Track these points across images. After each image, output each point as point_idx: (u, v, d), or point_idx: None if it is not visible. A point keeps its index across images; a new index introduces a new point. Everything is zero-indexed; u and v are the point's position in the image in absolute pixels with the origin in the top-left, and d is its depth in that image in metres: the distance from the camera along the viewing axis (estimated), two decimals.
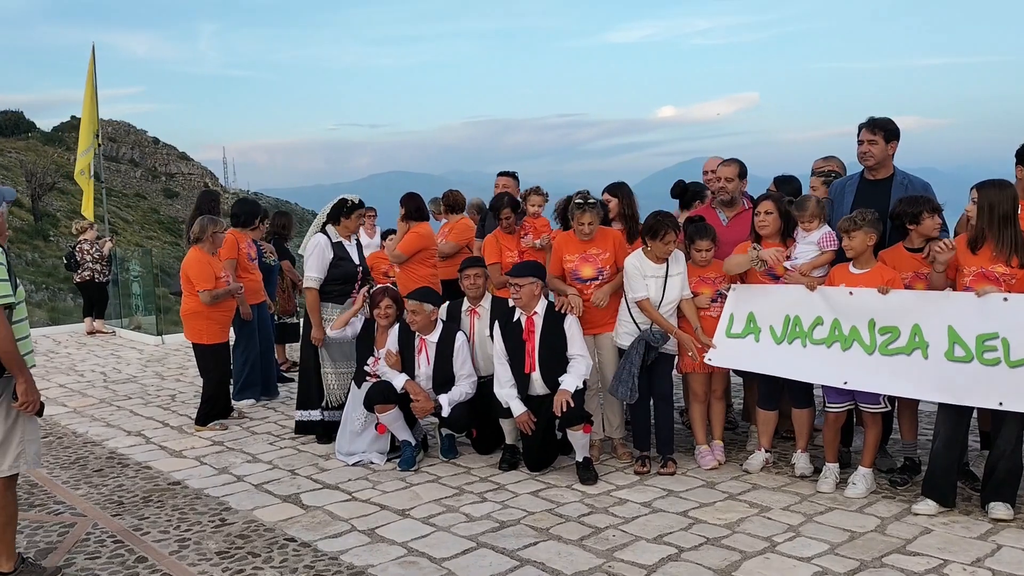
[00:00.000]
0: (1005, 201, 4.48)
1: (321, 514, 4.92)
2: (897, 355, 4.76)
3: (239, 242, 7.68)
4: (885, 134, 5.17)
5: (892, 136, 5.19)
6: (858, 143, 5.26)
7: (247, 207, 8.21)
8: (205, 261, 6.87)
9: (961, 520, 4.52)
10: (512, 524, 4.67)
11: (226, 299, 6.96)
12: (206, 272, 6.82)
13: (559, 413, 5.23)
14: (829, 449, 5.18)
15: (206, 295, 6.76)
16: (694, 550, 4.26)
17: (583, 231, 5.55)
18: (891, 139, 5.19)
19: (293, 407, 7.51)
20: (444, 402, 5.67)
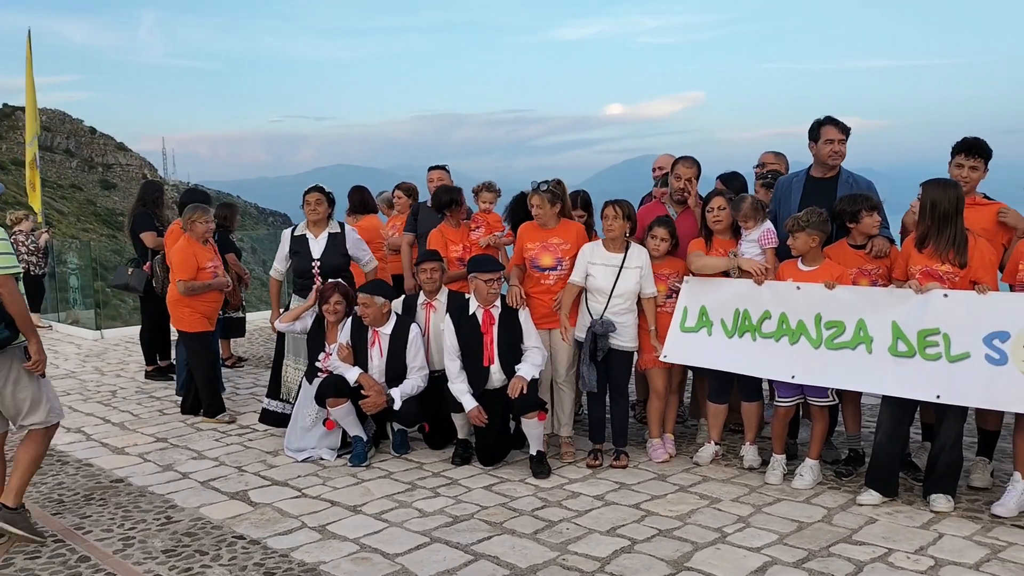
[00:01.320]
0: (947, 200, 4.60)
1: (270, 511, 4.84)
2: (842, 349, 4.87)
3: None
4: (846, 135, 5.30)
5: (847, 134, 5.32)
6: (827, 142, 5.32)
7: (196, 197, 8.03)
8: (189, 251, 6.73)
9: (904, 510, 4.64)
10: (466, 519, 4.65)
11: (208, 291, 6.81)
12: (188, 262, 6.68)
13: (515, 395, 5.24)
14: (777, 441, 5.28)
15: (181, 286, 6.66)
16: (647, 542, 4.30)
17: (536, 213, 5.59)
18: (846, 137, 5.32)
19: (239, 403, 7.41)
20: (396, 395, 5.62)
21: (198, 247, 6.78)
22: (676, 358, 5.51)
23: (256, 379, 8.49)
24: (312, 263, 6.33)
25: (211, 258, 6.86)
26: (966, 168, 4.88)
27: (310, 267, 6.34)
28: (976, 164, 4.88)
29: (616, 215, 5.41)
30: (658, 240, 5.52)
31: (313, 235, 6.38)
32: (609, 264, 5.44)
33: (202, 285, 6.74)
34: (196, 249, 6.76)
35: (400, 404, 5.61)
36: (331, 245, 6.37)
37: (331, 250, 6.36)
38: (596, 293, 5.46)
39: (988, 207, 4.92)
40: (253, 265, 36.43)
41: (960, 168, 4.90)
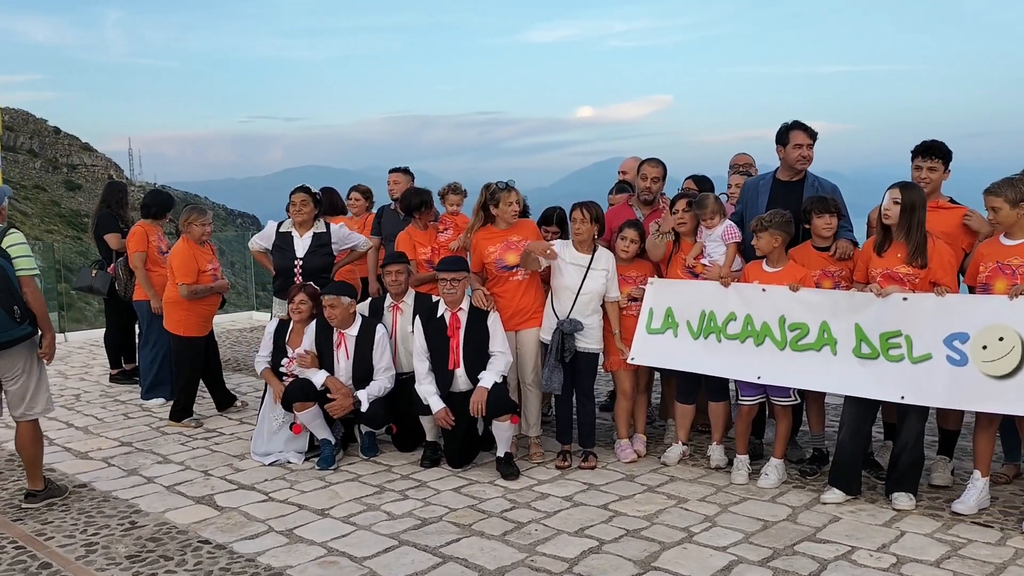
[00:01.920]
0: (922, 204, 4.69)
1: (237, 515, 4.80)
2: (807, 351, 4.94)
3: (148, 235, 7.44)
4: (814, 140, 5.36)
5: (814, 141, 5.39)
6: (795, 147, 5.37)
7: (159, 198, 7.94)
8: (190, 254, 6.66)
9: (867, 508, 4.71)
10: (434, 521, 4.64)
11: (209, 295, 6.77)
12: (189, 265, 6.62)
13: (475, 414, 5.26)
14: (740, 441, 5.33)
15: (184, 289, 6.60)
16: (615, 542, 4.32)
17: (512, 211, 5.59)
18: (814, 143, 5.39)
19: (205, 407, 7.34)
20: (363, 397, 5.60)
21: (197, 249, 6.73)
22: (643, 360, 5.55)
23: None
24: (294, 262, 6.28)
25: (210, 260, 6.80)
26: (924, 169, 4.97)
27: (292, 266, 6.29)
28: (934, 165, 4.96)
29: (584, 218, 5.44)
30: (628, 242, 5.56)
31: (299, 234, 6.33)
32: (577, 263, 5.48)
33: (204, 288, 6.70)
34: (196, 252, 6.71)
35: (367, 406, 5.59)
36: (316, 245, 6.30)
37: (315, 250, 6.29)
38: (562, 292, 5.49)
39: (953, 211, 5.01)
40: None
41: (919, 170, 4.98)
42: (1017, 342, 4.29)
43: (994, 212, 4.47)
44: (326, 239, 6.33)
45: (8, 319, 4.63)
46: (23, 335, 4.76)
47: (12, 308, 4.64)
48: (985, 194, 4.51)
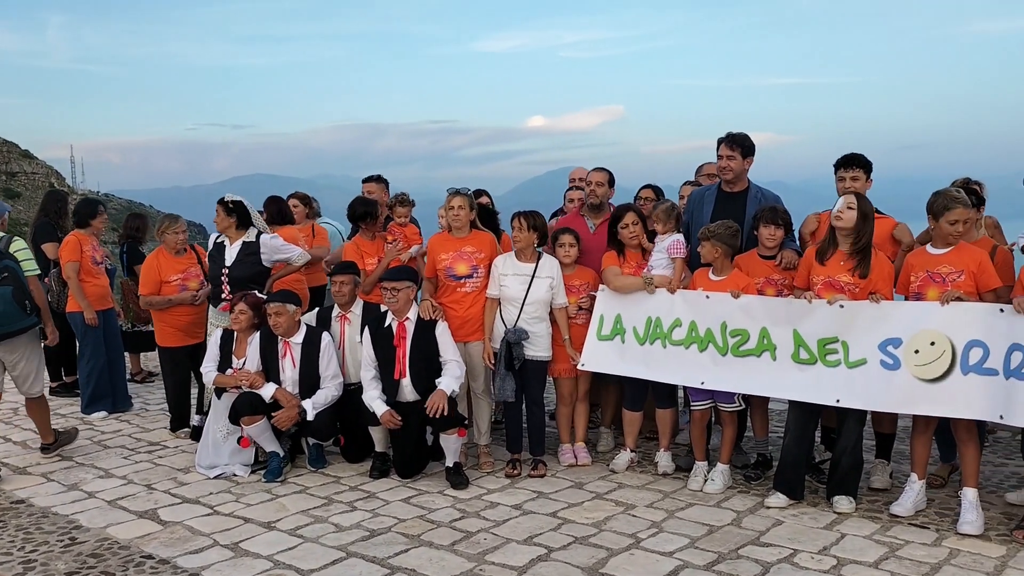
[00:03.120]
0: (872, 215, 4.82)
1: (181, 529, 4.72)
2: (748, 356, 5.06)
3: (82, 244, 7.27)
4: (742, 150, 5.45)
5: (748, 152, 5.48)
6: (718, 157, 5.53)
7: (85, 206, 7.76)
8: (153, 264, 6.61)
9: (809, 511, 4.81)
10: (383, 532, 4.62)
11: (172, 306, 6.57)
12: (148, 276, 6.59)
13: (434, 414, 5.21)
14: (697, 447, 5.40)
15: (142, 300, 6.63)
16: (563, 549, 4.34)
17: (453, 215, 5.59)
18: (747, 155, 5.48)
19: (150, 419, 7.21)
20: (308, 407, 5.55)
21: (166, 260, 6.62)
22: (593, 366, 5.60)
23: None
24: (222, 271, 6.19)
25: (181, 270, 6.62)
26: (847, 180, 5.12)
27: (220, 275, 6.21)
28: (856, 175, 5.12)
29: (522, 227, 5.49)
30: (567, 247, 5.62)
31: (229, 242, 6.26)
32: (521, 274, 5.52)
33: (161, 300, 6.55)
34: (162, 262, 6.60)
35: (313, 415, 5.55)
36: (243, 255, 6.16)
37: (241, 259, 6.16)
38: (509, 303, 5.52)
39: (880, 221, 5.16)
40: None
41: (842, 181, 5.13)
42: (948, 347, 4.44)
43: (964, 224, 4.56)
44: (254, 248, 6.15)
45: (20, 311, 5.50)
46: (29, 324, 5.64)
47: (24, 302, 5.52)
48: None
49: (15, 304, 5.47)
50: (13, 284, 5.49)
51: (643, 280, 5.43)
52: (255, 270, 6.16)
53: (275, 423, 5.54)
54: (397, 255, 6.06)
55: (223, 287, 6.16)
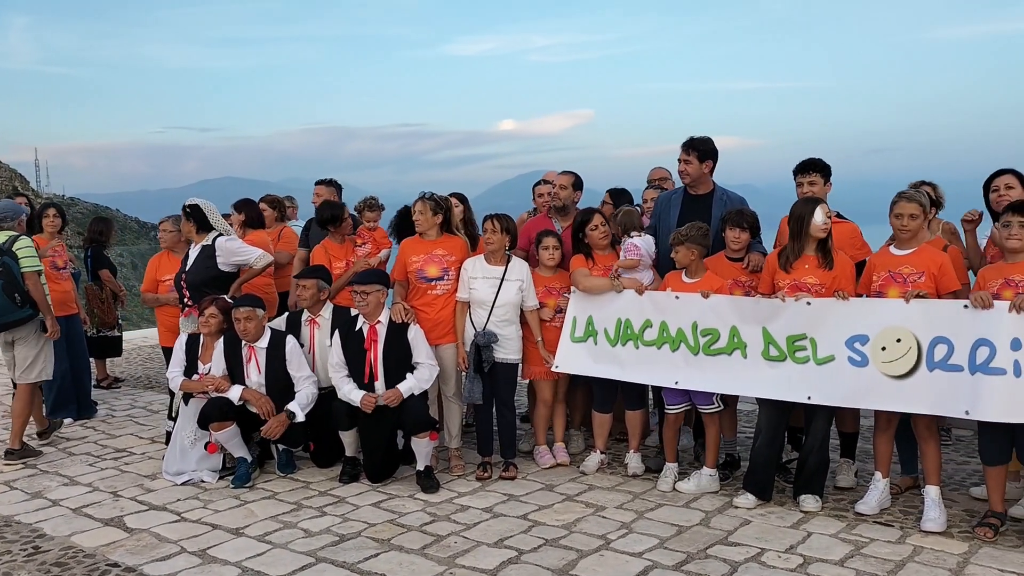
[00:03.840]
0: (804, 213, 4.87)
1: (147, 536, 4.66)
2: (719, 355, 5.11)
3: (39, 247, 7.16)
4: (699, 154, 5.50)
5: (706, 156, 5.52)
6: (678, 162, 5.59)
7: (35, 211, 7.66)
8: (153, 263, 6.77)
9: (776, 510, 4.87)
10: (352, 537, 4.60)
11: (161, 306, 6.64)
12: (148, 274, 6.79)
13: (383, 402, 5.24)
14: (668, 449, 5.43)
15: (141, 298, 6.80)
16: (533, 552, 4.35)
17: (418, 219, 5.60)
18: (705, 159, 5.52)
19: (116, 426, 7.12)
20: (296, 409, 5.52)
21: (167, 259, 6.66)
22: (567, 368, 5.63)
23: (134, 401, 8.17)
24: (182, 275, 6.14)
25: (175, 270, 6.45)
26: (806, 184, 5.21)
27: (180, 278, 6.16)
28: (814, 179, 5.22)
29: (495, 229, 5.50)
30: (551, 250, 5.65)
31: (193, 246, 6.21)
32: (490, 277, 5.53)
33: (152, 299, 6.67)
34: (163, 261, 6.69)
35: (303, 416, 5.51)
36: (200, 259, 6.07)
37: (198, 264, 6.07)
38: (478, 306, 5.53)
39: (839, 224, 5.24)
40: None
41: (801, 186, 5.23)
42: (913, 343, 4.52)
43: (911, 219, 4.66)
44: (211, 252, 6.06)
45: (11, 304, 5.92)
46: (26, 316, 6.04)
47: (14, 296, 5.92)
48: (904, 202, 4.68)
49: (5, 297, 5.87)
50: (4, 279, 5.87)
51: (610, 280, 5.47)
52: (211, 275, 6.04)
53: (265, 434, 5.49)
54: (367, 264, 6.04)
55: (183, 291, 6.11)
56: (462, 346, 5.59)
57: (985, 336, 4.29)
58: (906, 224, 4.63)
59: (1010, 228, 4.32)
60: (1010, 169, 5.00)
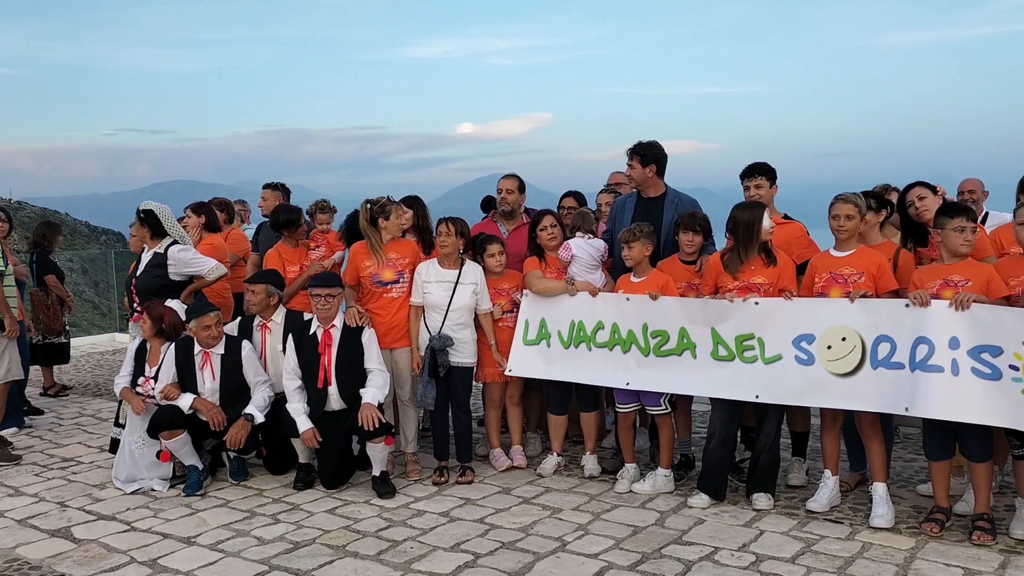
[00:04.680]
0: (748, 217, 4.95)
1: (95, 547, 4.56)
2: (669, 356, 5.17)
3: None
4: (642, 158, 5.57)
5: (649, 160, 5.57)
6: (626, 166, 5.68)
7: None
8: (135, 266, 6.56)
9: (729, 509, 4.93)
10: (307, 544, 4.55)
11: None
12: None
13: (370, 428, 5.16)
14: (625, 450, 5.46)
15: None
16: (490, 555, 4.35)
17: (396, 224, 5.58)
18: (648, 163, 5.57)
19: (63, 434, 6.97)
20: (254, 412, 5.44)
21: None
22: (520, 371, 5.64)
23: (82, 408, 8.00)
24: (132, 280, 6.05)
25: None
26: (752, 188, 5.32)
27: (130, 284, 6.07)
28: (760, 183, 5.32)
29: (449, 232, 5.50)
30: (496, 256, 5.66)
31: (146, 251, 6.11)
32: (444, 280, 5.52)
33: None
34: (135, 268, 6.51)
35: (261, 418, 5.44)
36: (149, 266, 6.01)
37: (148, 270, 6.01)
38: (433, 310, 5.52)
39: (786, 225, 5.34)
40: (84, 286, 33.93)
41: (748, 190, 5.34)
42: (858, 342, 4.62)
43: (847, 220, 4.76)
44: (161, 260, 5.99)
45: None
46: None
47: None
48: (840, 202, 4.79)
49: None
50: None
51: (565, 283, 5.50)
52: (161, 283, 5.98)
53: (230, 443, 5.40)
54: (321, 268, 5.99)
55: (134, 298, 6.01)
56: (417, 351, 5.57)
57: (924, 334, 4.39)
58: (843, 224, 4.74)
59: (964, 233, 4.41)
60: (920, 181, 5.15)
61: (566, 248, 5.52)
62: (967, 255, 4.49)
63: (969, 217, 4.44)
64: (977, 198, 6.15)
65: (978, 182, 6.27)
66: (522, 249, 5.83)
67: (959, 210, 4.49)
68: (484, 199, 6.90)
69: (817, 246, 5.27)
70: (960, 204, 4.60)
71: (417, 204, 6.03)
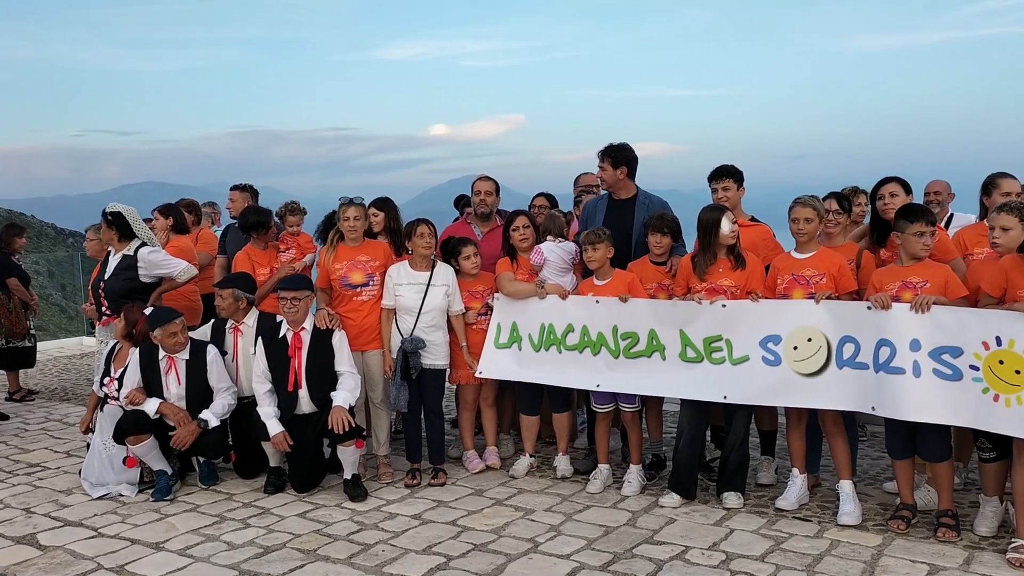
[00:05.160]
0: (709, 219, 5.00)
1: (62, 554, 4.50)
2: (639, 358, 5.20)
3: None
4: (612, 160, 5.60)
5: (619, 162, 5.60)
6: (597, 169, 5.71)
7: None
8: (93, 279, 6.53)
9: (700, 508, 4.96)
10: (277, 548, 4.52)
11: None
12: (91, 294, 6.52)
13: (340, 431, 5.14)
14: (600, 449, 5.48)
15: None
16: (462, 557, 4.35)
17: (349, 226, 5.55)
18: (619, 164, 5.60)
19: (29, 440, 6.86)
20: (209, 417, 5.40)
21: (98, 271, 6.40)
22: (491, 373, 5.64)
23: (48, 413, 7.88)
24: (100, 284, 5.98)
25: None
26: (720, 191, 5.37)
27: (99, 287, 6.00)
28: (727, 185, 5.36)
29: (432, 232, 5.51)
30: (471, 258, 5.65)
31: (113, 254, 6.04)
32: (416, 283, 5.51)
33: None
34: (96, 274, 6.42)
35: (216, 422, 5.40)
36: (118, 268, 5.96)
37: (117, 273, 5.96)
38: (405, 312, 5.51)
39: (753, 227, 5.40)
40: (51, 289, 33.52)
41: (716, 192, 5.39)
42: (824, 343, 4.68)
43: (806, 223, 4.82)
44: (131, 263, 5.95)
45: None
46: None
47: None
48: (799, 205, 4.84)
49: None
50: None
51: (535, 286, 5.51)
52: (131, 285, 5.93)
53: (174, 444, 5.35)
54: (291, 270, 5.96)
55: (101, 300, 5.93)
56: (388, 354, 5.55)
57: (886, 337, 4.46)
58: (802, 228, 4.83)
59: (923, 238, 4.46)
60: (894, 177, 5.23)
61: (538, 252, 5.52)
62: (925, 259, 4.54)
63: (928, 222, 4.47)
64: (943, 199, 6.24)
65: (945, 184, 6.37)
66: (496, 251, 5.81)
67: (919, 215, 4.51)
68: (457, 198, 6.90)
69: (783, 248, 5.34)
70: (920, 208, 4.62)
71: (388, 206, 6.02)
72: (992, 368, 4.16)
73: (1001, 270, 4.28)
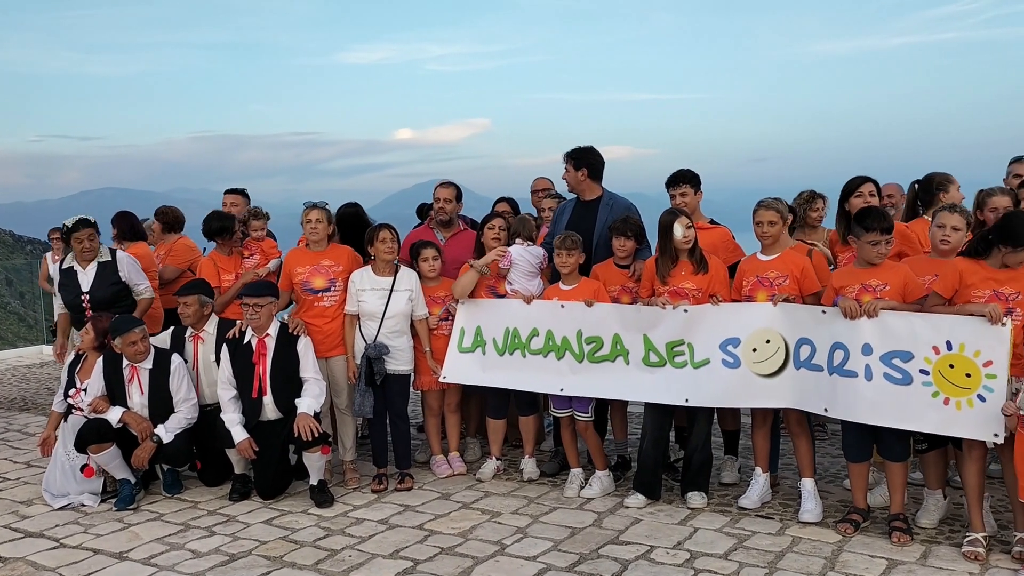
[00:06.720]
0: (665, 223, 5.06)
1: (23, 566, 4.44)
2: (603, 362, 5.26)
3: None
4: (574, 162, 5.66)
5: (581, 164, 5.65)
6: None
7: None
8: None
9: (665, 508, 5.03)
10: (243, 556, 4.50)
11: None
12: None
13: (307, 438, 5.12)
14: (569, 453, 5.50)
15: None
16: (429, 561, 4.36)
17: (311, 228, 5.56)
18: (580, 166, 5.65)
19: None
20: (162, 432, 5.34)
21: None
22: (455, 378, 5.66)
23: (8, 423, 7.74)
24: (81, 297, 5.92)
25: None
26: (677, 196, 5.45)
27: (80, 302, 5.94)
28: (685, 190, 5.45)
29: (394, 238, 5.51)
30: (430, 260, 5.66)
31: (81, 267, 5.97)
32: (379, 288, 5.51)
33: None
34: None
35: (170, 438, 5.34)
36: (100, 276, 5.93)
37: (100, 281, 5.92)
38: (368, 318, 5.51)
39: (712, 230, 5.49)
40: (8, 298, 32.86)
41: (674, 197, 5.47)
42: (781, 344, 4.77)
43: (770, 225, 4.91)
44: (112, 268, 5.94)
45: None
46: None
47: None
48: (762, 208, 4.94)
49: None
50: None
51: (472, 271, 5.52)
52: (116, 290, 5.96)
53: (134, 463, 5.31)
54: (256, 276, 5.93)
55: (85, 312, 5.88)
56: (352, 359, 5.55)
57: (840, 340, 4.54)
58: (766, 231, 4.92)
59: (878, 247, 4.48)
60: (871, 178, 5.34)
61: (505, 257, 5.54)
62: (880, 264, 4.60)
63: (883, 230, 4.45)
64: (896, 202, 6.37)
65: (897, 186, 6.50)
66: (459, 256, 5.81)
67: (874, 223, 4.46)
68: (419, 206, 6.89)
69: (743, 250, 5.42)
70: (877, 214, 4.54)
71: None
72: (943, 372, 4.25)
73: (955, 271, 4.34)
